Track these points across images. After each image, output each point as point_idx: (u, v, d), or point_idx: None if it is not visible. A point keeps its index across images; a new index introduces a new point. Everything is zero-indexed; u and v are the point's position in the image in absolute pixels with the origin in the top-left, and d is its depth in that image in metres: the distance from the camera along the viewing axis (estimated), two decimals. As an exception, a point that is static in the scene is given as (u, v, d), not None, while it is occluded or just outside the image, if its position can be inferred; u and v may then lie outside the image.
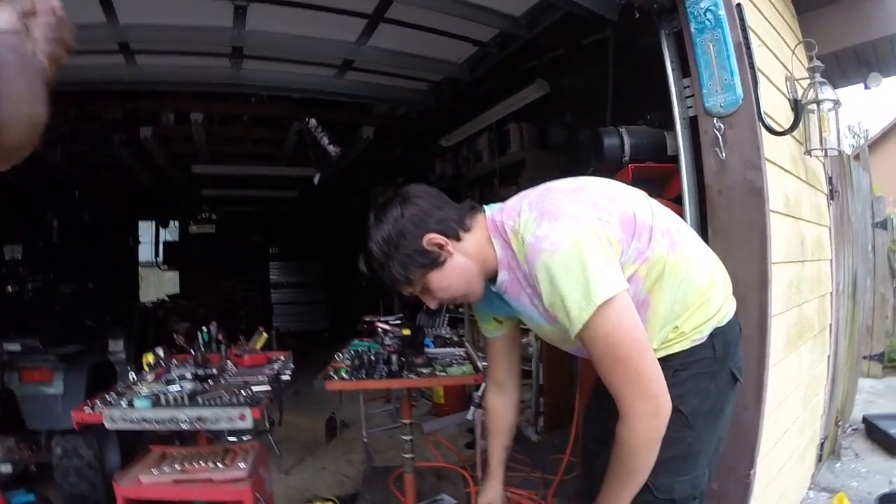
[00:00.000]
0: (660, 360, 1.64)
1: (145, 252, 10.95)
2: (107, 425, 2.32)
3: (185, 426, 2.32)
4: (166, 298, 8.70)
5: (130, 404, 2.37)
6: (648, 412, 1.49)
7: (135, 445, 3.31)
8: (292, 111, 5.67)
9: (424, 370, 3.02)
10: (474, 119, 5.67)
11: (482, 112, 5.58)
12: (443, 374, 3.02)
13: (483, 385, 2.85)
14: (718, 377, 1.72)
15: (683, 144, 2.56)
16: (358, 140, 6.08)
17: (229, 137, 6.59)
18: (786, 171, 2.71)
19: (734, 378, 1.77)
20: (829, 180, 3.60)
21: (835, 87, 3.38)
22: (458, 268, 1.68)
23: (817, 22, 3.55)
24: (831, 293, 3.63)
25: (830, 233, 3.62)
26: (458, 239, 1.67)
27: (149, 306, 7.56)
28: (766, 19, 2.84)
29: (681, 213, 2.47)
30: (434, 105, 5.16)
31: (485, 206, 1.79)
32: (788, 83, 2.88)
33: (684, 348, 1.69)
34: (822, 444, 3.75)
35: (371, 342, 3.30)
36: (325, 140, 5.90)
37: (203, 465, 2.40)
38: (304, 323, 10.49)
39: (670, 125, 2.66)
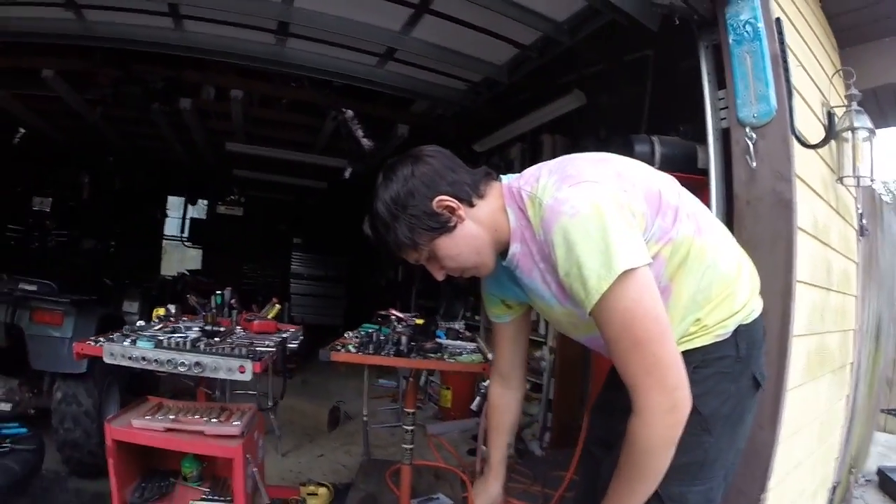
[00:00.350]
0: (699, 348, 1.55)
1: (172, 227, 11.10)
2: (105, 359, 2.32)
3: (182, 370, 2.30)
4: (186, 273, 8.78)
5: (133, 343, 2.39)
6: (665, 406, 1.34)
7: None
8: (331, 100, 5.68)
9: (433, 354, 2.96)
10: (509, 125, 5.64)
11: (517, 119, 5.58)
12: (451, 360, 2.95)
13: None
14: (740, 379, 1.57)
15: (715, 155, 2.54)
16: (392, 137, 6.12)
17: (266, 120, 6.67)
18: (816, 193, 2.67)
19: (756, 383, 1.61)
20: (860, 216, 3.50)
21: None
22: (469, 235, 1.56)
23: (859, 57, 3.46)
24: (854, 331, 3.53)
25: (858, 269, 3.53)
26: (470, 204, 1.56)
27: (168, 279, 7.68)
28: (805, 42, 2.81)
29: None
30: (471, 107, 5.17)
31: (501, 175, 1.68)
32: (824, 108, 2.84)
33: (706, 343, 1.54)
34: (833, 489, 3.62)
35: (383, 326, 3.25)
36: (360, 133, 5.94)
37: (197, 418, 2.39)
38: (320, 316, 10.41)
39: (702, 139, 2.65)
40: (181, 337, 2.50)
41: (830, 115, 2.61)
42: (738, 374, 1.56)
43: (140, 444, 2.36)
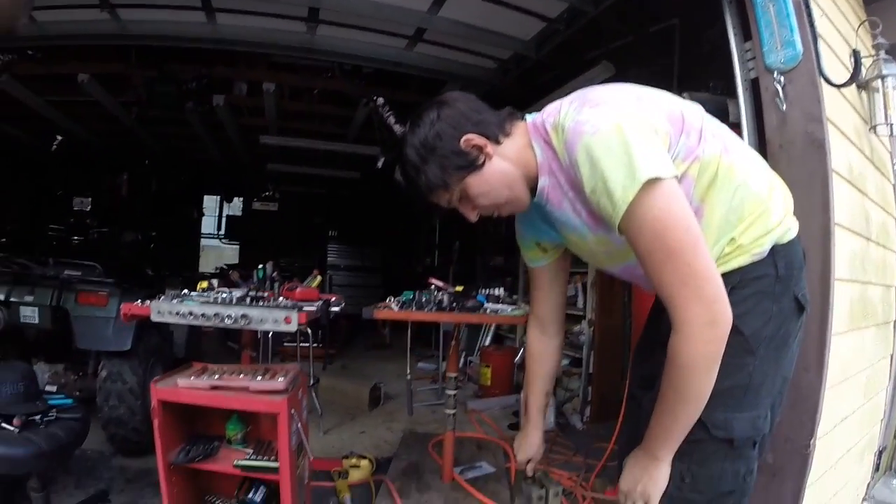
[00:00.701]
0: (736, 269, 1.53)
1: (209, 225, 11.29)
2: (153, 317, 2.39)
3: (229, 322, 2.34)
4: (225, 267, 8.93)
5: (180, 302, 2.46)
6: (705, 319, 1.32)
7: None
8: (361, 89, 5.76)
9: (474, 311, 2.98)
10: (538, 102, 5.64)
11: (547, 95, 5.57)
12: (493, 313, 2.97)
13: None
14: (781, 300, 1.53)
15: (746, 105, 2.53)
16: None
17: (298, 112, 6.75)
18: (849, 139, 2.65)
19: (799, 306, 1.57)
20: None
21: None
22: (499, 171, 1.58)
23: (886, 9, 3.36)
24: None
25: None
26: (497, 142, 1.58)
27: (207, 274, 7.82)
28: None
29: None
30: (500, 86, 5.19)
31: (526, 115, 1.67)
32: (851, 59, 2.80)
33: (743, 264, 1.52)
34: (879, 453, 3.59)
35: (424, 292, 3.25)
36: (392, 119, 5.97)
37: (242, 377, 2.42)
38: (357, 306, 10.50)
39: (732, 93, 2.64)
40: (226, 295, 2.59)
41: (857, 55, 2.57)
42: (780, 294, 1.53)
43: (185, 404, 2.39)
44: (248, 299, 2.58)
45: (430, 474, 3.39)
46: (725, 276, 1.46)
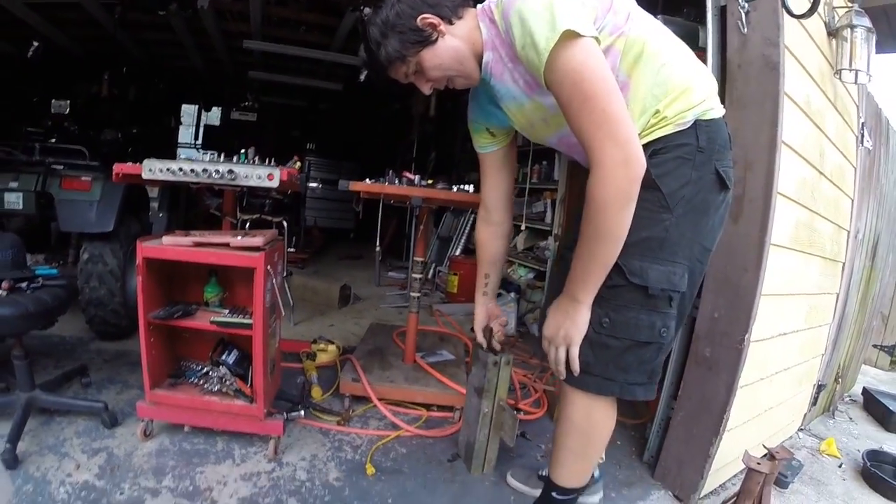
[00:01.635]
0: (660, 137, 1.69)
1: (186, 135, 11.13)
2: (144, 175, 2.47)
3: (216, 177, 2.45)
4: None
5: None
6: (619, 158, 1.46)
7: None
8: None
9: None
10: None
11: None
12: (455, 191, 3.12)
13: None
14: (701, 169, 1.69)
15: (712, 28, 2.63)
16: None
17: (284, 19, 6.64)
18: (810, 75, 2.77)
19: (721, 180, 1.73)
20: (862, 125, 3.57)
21: (882, 49, 3.44)
22: (450, 48, 1.77)
23: None
24: (849, 234, 3.63)
25: (856, 174, 3.59)
26: (450, 23, 1.78)
27: (183, 182, 7.79)
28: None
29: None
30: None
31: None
32: (826, 7, 2.93)
33: (667, 133, 1.68)
34: (818, 388, 3.79)
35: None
36: (379, 30, 5.95)
37: (223, 237, 2.54)
38: (332, 220, 10.68)
39: (703, 21, 2.72)
40: (213, 157, 2.72)
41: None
42: (700, 163, 1.69)
43: (168, 263, 2.50)
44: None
45: (393, 357, 3.58)
46: (650, 143, 1.68)
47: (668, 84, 1.66)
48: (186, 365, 2.85)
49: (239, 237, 2.51)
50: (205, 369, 2.78)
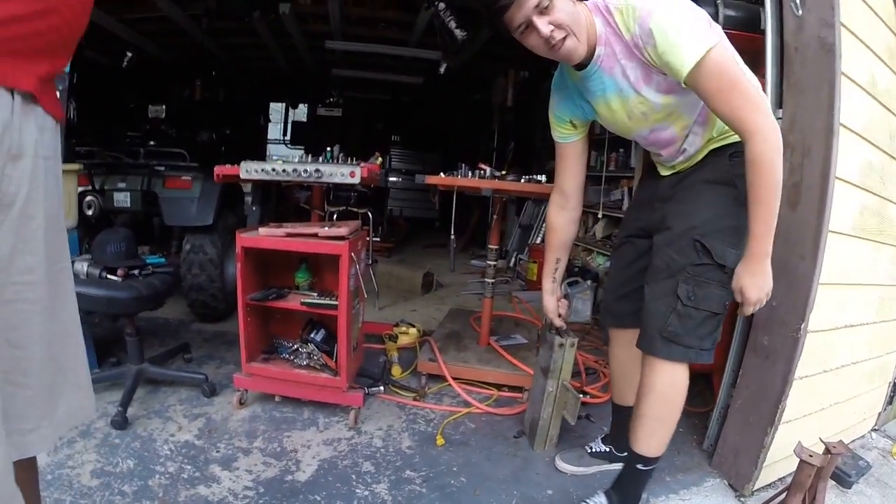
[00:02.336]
0: (720, 148, 2.00)
1: (274, 132, 11.58)
2: (242, 175, 2.79)
3: (305, 176, 2.75)
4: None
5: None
6: (770, 124, 1.71)
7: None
8: None
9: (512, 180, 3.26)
10: None
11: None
12: (527, 183, 3.23)
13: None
14: None
15: (771, 11, 2.62)
16: (484, 27, 6.20)
17: (362, 18, 6.84)
18: (875, 53, 2.68)
19: None
20: None
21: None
22: (580, 13, 1.84)
23: None
24: None
25: None
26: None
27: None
28: None
29: (764, 74, 2.57)
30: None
31: None
32: None
33: (737, 140, 1.89)
34: (894, 385, 3.56)
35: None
36: (453, 24, 6.09)
37: (312, 228, 2.83)
38: (416, 210, 10.88)
39: (763, 3, 2.71)
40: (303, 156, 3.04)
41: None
42: None
43: (264, 251, 2.82)
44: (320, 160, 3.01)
45: (469, 340, 3.77)
46: (727, 147, 1.98)
47: None
48: (278, 342, 3.16)
49: (326, 227, 2.78)
50: (295, 346, 3.08)
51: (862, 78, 2.55)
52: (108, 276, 2.92)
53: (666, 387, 2.08)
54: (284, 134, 11.87)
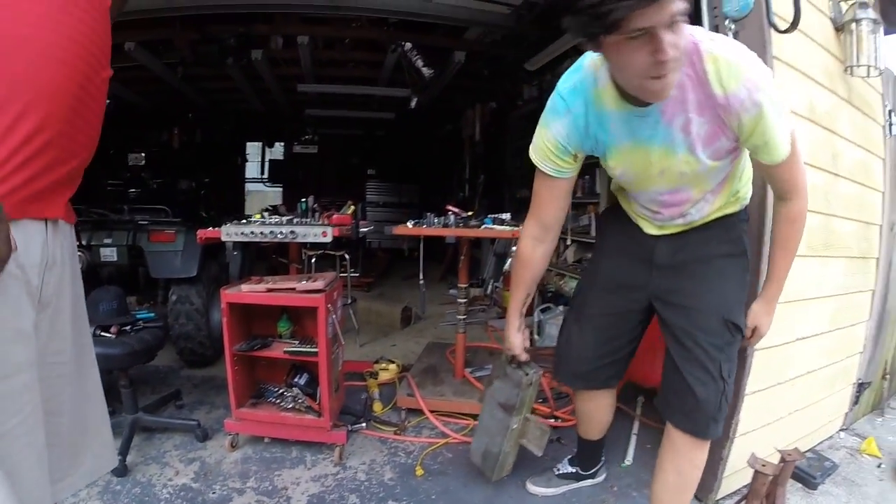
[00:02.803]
0: (728, 215, 2.12)
1: (252, 170, 11.75)
2: (223, 238, 3.02)
3: (280, 237, 3.00)
4: (270, 208, 9.46)
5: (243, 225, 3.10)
6: (806, 194, 1.93)
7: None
8: (389, 35, 6.03)
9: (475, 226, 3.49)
10: (556, 42, 5.65)
11: (563, 36, 5.67)
12: (484, 228, 3.46)
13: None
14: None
15: None
16: (450, 64, 6.41)
17: (332, 60, 7.06)
18: (813, 79, 2.81)
19: None
20: (889, 113, 3.53)
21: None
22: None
23: None
24: (881, 227, 3.60)
25: (885, 165, 3.55)
26: None
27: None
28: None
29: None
30: (516, 28, 5.42)
31: None
32: (831, 3, 2.98)
33: (744, 206, 2.15)
34: (859, 385, 3.70)
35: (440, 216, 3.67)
36: (420, 62, 6.29)
37: (290, 282, 3.06)
38: (394, 241, 10.81)
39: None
40: (278, 219, 3.30)
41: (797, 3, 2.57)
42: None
43: (247, 305, 3.05)
44: (294, 221, 3.25)
45: (445, 373, 3.97)
46: (738, 211, 2.14)
47: (748, 169, 2.10)
48: (265, 387, 3.35)
49: (303, 281, 3.03)
50: (280, 390, 3.28)
51: (801, 106, 2.73)
52: (102, 334, 3.11)
53: (693, 469, 2.19)
54: (262, 172, 12.04)
